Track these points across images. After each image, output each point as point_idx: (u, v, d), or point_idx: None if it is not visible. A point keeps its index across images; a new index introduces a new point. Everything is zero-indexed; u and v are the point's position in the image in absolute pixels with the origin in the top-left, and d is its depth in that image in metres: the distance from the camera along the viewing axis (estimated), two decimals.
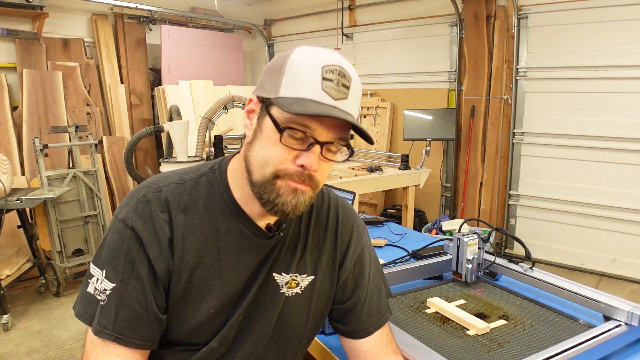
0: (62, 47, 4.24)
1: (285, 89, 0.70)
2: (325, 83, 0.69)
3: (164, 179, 0.80)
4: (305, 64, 0.70)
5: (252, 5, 5.87)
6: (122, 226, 0.74)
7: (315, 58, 0.70)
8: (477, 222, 3.91)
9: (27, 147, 3.80)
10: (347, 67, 0.72)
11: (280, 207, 0.73)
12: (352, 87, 0.72)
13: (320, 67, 0.69)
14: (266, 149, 0.72)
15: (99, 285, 0.73)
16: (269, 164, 0.72)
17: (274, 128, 0.70)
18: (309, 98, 0.68)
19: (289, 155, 0.71)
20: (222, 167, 0.82)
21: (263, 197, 0.73)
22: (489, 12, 4.01)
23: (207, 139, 3.49)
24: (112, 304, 0.72)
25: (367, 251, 0.95)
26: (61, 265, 3.27)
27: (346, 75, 0.71)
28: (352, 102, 0.72)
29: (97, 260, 0.75)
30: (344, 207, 0.95)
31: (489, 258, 1.44)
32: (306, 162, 0.70)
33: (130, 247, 0.73)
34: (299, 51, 0.72)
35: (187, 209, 0.77)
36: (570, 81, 3.64)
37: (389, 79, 4.77)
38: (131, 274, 0.73)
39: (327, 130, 0.71)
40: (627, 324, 1.04)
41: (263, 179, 0.73)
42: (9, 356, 2.56)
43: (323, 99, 0.69)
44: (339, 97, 0.70)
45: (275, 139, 0.70)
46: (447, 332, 1.11)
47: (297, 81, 0.69)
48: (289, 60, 0.71)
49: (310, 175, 0.72)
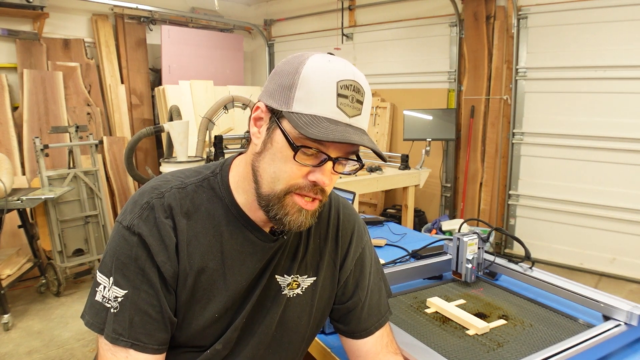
0: (63, 47, 4.25)
1: (298, 104, 0.68)
2: (340, 100, 0.68)
3: (166, 183, 0.79)
4: (319, 78, 0.68)
5: (252, 6, 5.87)
6: (128, 233, 0.73)
7: (329, 71, 0.69)
8: (476, 222, 3.91)
9: (27, 147, 3.80)
10: (361, 81, 0.71)
11: (287, 225, 0.74)
12: (366, 101, 0.72)
13: (335, 83, 0.68)
14: (278, 164, 0.71)
15: (107, 293, 0.73)
16: (280, 180, 0.71)
17: (286, 144, 0.69)
18: (323, 116, 0.68)
19: (301, 171, 0.71)
20: (224, 170, 0.82)
21: (269, 212, 0.74)
22: (489, 13, 4.01)
23: (207, 139, 3.49)
24: (125, 311, 0.72)
25: (367, 251, 0.95)
26: (62, 265, 3.28)
27: (360, 90, 0.70)
28: (365, 116, 0.72)
29: (103, 268, 0.74)
30: (345, 208, 0.95)
31: (489, 258, 1.45)
32: (319, 178, 0.71)
33: (138, 254, 0.73)
34: (312, 62, 0.70)
35: (189, 214, 0.77)
36: (569, 81, 3.65)
37: (389, 79, 4.77)
38: (142, 279, 0.72)
39: (339, 149, 0.71)
40: (626, 323, 1.05)
41: (272, 195, 0.73)
42: (10, 356, 2.57)
43: (338, 117, 0.68)
44: (354, 114, 0.70)
45: (288, 156, 0.70)
46: (447, 332, 1.11)
47: (311, 97, 0.68)
48: (302, 71, 0.69)
49: (322, 189, 0.73)
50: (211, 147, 3.37)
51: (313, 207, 0.74)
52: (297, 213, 0.73)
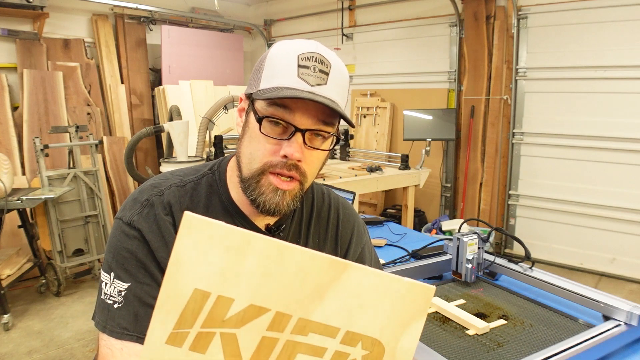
0: (63, 47, 4.24)
1: (264, 82, 0.70)
2: (301, 70, 0.68)
3: (165, 181, 0.79)
4: (282, 54, 0.70)
5: (252, 6, 5.88)
6: (128, 229, 0.73)
7: (292, 48, 0.70)
8: (476, 222, 3.91)
9: (27, 147, 3.80)
10: (327, 54, 0.71)
11: (262, 206, 0.72)
12: (333, 73, 0.70)
13: (296, 56, 0.69)
14: (253, 144, 0.72)
15: (109, 289, 0.72)
16: (255, 159, 0.72)
17: (256, 121, 0.71)
18: (283, 86, 0.68)
19: (274, 147, 0.70)
20: (222, 167, 0.82)
21: (248, 195, 0.74)
22: (489, 13, 4.01)
23: (207, 139, 3.50)
24: (129, 305, 0.71)
25: (367, 251, 0.95)
26: (62, 265, 3.28)
27: (324, 62, 0.70)
28: (333, 88, 0.70)
29: (105, 265, 0.74)
30: (345, 207, 0.95)
31: (489, 258, 1.45)
32: (288, 151, 0.69)
33: (139, 249, 0.72)
34: (277, 45, 0.72)
35: (189, 211, 0.77)
36: (569, 81, 3.65)
37: (389, 79, 4.77)
38: (145, 273, 0.72)
39: (306, 117, 0.69)
40: (626, 323, 1.05)
41: (249, 175, 0.73)
42: (10, 356, 2.57)
43: (298, 86, 0.67)
44: (316, 82, 0.68)
45: (259, 134, 0.70)
46: (447, 332, 1.11)
47: (275, 72, 0.69)
48: (269, 54, 0.72)
49: (295, 165, 0.71)
50: (211, 147, 3.37)
51: (289, 187, 0.72)
52: (272, 193, 0.71)
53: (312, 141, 0.72)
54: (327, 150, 0.75)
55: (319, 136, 0.72)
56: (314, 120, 0.70)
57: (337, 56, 0.73)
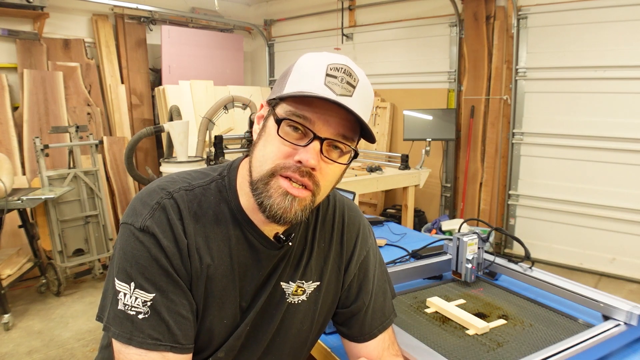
0: (63, 47, 4.25)
1: (289, 86, 0.69)
2: (328, 79, 0.67)
3: (173, 184, 0.76)
4: (311, 63, 0.69)
5: (252, 6, 5.88)
6: (143, 235, 0.70)
7: (322, 58, 0.69)
8: (476, 222, 3.91)
9: (27, 147, 3.80)
10: (356, 70, 0.70)
11: (269, 210, 0.69)
12: (359, 88, 0.69)
13: (325, 65, 0.68)
14: (267, 146, 0.70)
15: (129, 300, 0.68)
16: (267, 160, 0.69)
17: (274, 124, 0.69)
18: (309, 91, 0.66)
19: (288, 151, 0.68)
20: (232, 173, 0.80)
21: (256, 198, 0.71)
22: (489, 13, 4.01)
23: (207, 139, 3.49)
24: (157, 315, 0.68)
25: (372, 254, 0.93)
26: (62, 265, 3.28)
27: (352, 75, 0.69)
28: (358, 101, 0.68)
29: (121, 274, 0.69)
30: (350, 210, 0.93)
31: (489, 258, 1.45)
32: (303, 157, 0.67)
33: (157, 255, 0.70)
34: (306, 54, 0.71)
35: (197, 217, 0.74)
36: (569, 81, 3.65)
37: (389, 79, 4.77)
38: (168, 280, 0.70)
39: (326, 127, 0.67)
40: (626, 323, 1.05)
41: (259, 177, 0.70)
42: (10, 356, 2.57)
43: (324, 93, 0.66)
44: (342, 93, 0.67)
45: (276, 136, 0.68)
46: (447, 332, 1.11)
47: (302, 78, 0.68)
48: (297, 62, 0.71)
49: (309, 173, 0.68)
50: (211, 147, 3.37)
51: (300, 194, 0.69)
52: (281, 197, 0.68)
53: (329, 152, 0.70)
54: (343, 164, 0.72)
55: (337, 149, 0.70)
56: (334, 132, 0.68)
57: (365, 75, 0.72)
